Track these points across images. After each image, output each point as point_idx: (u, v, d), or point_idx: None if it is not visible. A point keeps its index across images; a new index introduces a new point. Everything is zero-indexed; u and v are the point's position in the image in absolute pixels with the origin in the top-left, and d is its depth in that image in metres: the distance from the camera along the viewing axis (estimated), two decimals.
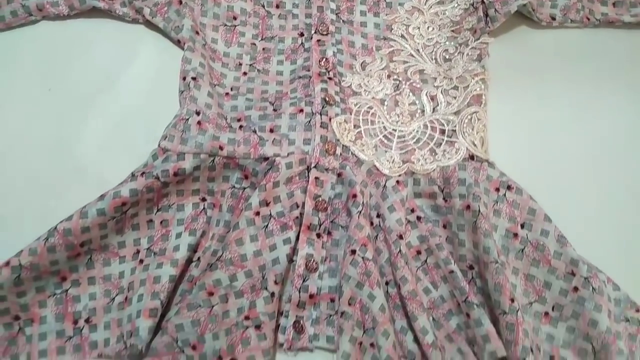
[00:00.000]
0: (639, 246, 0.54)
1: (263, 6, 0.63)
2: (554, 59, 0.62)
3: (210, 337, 0.48)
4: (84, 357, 0.50)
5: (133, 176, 0.51)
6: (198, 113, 0.54)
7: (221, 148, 0.53)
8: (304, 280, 0.51)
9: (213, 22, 0.61)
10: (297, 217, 0.52)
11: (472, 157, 0.54)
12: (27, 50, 0.61)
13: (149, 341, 0.48)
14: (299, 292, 0.51)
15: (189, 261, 0.52)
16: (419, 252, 0.53)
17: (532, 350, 0.47)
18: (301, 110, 0.56)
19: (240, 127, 0.56)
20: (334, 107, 0.56)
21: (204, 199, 0.54)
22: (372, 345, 0.49)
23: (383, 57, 0.61)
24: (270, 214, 0.52)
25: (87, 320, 0.51)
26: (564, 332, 0.50)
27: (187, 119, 0.54)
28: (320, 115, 0.55)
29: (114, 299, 0.51)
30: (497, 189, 0.53)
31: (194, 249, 0.52)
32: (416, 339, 0.49)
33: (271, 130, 0.55)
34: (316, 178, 0.53)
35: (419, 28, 0.62)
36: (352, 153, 0.55)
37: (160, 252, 0.52)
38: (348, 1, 0.63)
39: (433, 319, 0.50)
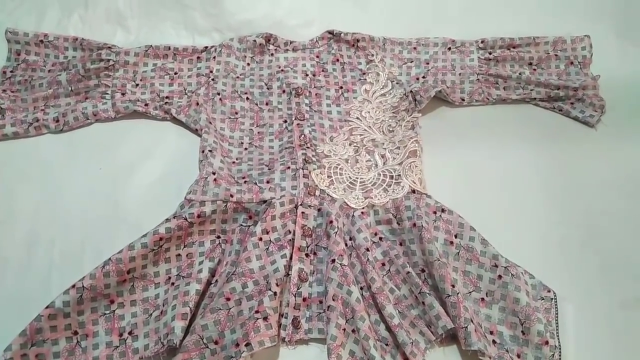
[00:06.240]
0: (540, 243, 0.74)
1: (256, 104, 0.87)
2: (467, 126, 0.86)
3: (228, 332, 0.62)
4: None
5: (167, 220, 0.70)
6: (214, 173, 0.75)
7: (232, 196, 0.73)
8: (298, 288, 0.68)
9: (221, 117, 0.85)
10: (290, 240, 0.70)
11: (414, 192, 0.75)
12: (83, 143, 0.83)
13: (182, 338, 0.62)
14: (295, 297, 0.67)
15: (208, 283, 0.68)
16: (383, 264, 0.70)
17: (471, 320, 0.63)
18: (288, 167, 0.77)
19: (245, 182, 0.76)
20: (312, 164, 0.78)
21: (219, 237, 0.72)
22: (353, 331, 0.64)
23: (345, 132, 0.84)
24: (270, 239, 0.70)
25: (130, 333, 0.65)
26: (498, 312, 0.66)
27: (206, 178, 0.74)
28: (302, 169, 0.76)
29: (151, 314, 0.66)
30: (435, 212, 0.73)
31: (212, 273, 0.68)
32: (388, 329, 0.65)
33: (267, 182, 0.75)
34: (302, 212, 0.72)
35: (369, 112, 0.86)
36: (327, 194, 0.75)
37: (187, 276, 0.68)
38: (317, 97, 0.88)
39: (399, 311, 0.66)
